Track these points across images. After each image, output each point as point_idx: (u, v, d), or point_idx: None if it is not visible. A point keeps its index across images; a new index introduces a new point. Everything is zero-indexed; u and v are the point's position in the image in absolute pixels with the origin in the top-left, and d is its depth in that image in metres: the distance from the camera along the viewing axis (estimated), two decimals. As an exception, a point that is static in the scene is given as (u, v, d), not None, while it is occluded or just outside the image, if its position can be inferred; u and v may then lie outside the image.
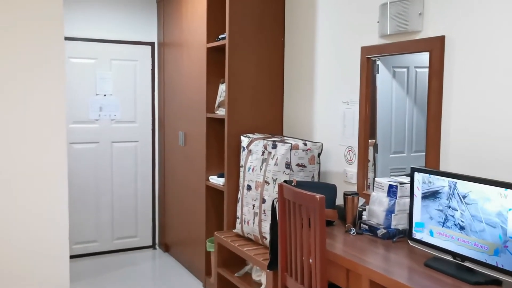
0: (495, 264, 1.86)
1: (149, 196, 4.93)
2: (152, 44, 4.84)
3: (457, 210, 2.00)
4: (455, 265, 2.03)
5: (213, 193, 3.90)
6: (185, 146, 4.29)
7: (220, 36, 3.65)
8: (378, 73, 3.08)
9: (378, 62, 2.98)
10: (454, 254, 2.04)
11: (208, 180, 3.85)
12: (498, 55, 2.13)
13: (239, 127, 3.56)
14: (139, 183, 4.86)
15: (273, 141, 3.12)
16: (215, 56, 3.80)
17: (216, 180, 3.75)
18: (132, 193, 4.83)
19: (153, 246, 5.00)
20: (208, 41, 3.77)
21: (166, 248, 4.85)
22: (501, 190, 1.82)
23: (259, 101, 3.62)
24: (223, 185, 3.61)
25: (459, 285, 1.88)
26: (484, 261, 1.90)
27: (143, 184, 4.88)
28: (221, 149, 3.87)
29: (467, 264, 1.99)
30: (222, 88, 3.72)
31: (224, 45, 3.59)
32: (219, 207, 3.89)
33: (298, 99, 3.55)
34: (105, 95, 4.67)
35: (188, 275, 4.24)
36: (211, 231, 3.88)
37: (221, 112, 3.71)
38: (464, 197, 1.97)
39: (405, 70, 3.14)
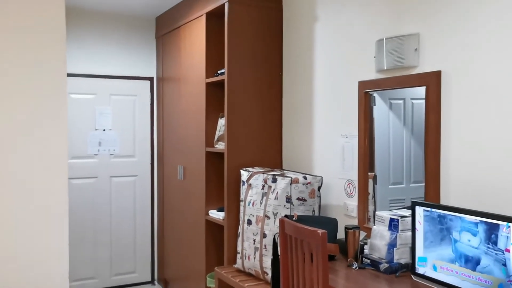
0: (500, 300, 1.85)
1: (148, 231, 4.90)
2: (151, 79, 4.90)
3: (458, 244, 2.00)
4: (459, 300, 2.02)
5: (213, 228, 3.88)
6: (184, 180, 4.29)
7: (219, 71, 3.71)
8: (374, 105, 3.12)
9: (375, 94, 3.02)
10: (458, 289, 2.03)
11: (208, 214, 3.84)
12: (494, 88, 2.17)
13: (238, 161, 3.57)
14: (138, 218, 4.84)
15: (273, 175, 3.13)
16: (214, 90, 3.85)
17: (216, 215, 3.73)
18: (130, 228, 4.80)
19: (152, 282, 4.93)
20: (207, 76, 3.82)
21: (165, 283, 4.79)
22: (503, 224, 1.83)
23: (258, 135, 3.65)
24: (223, 220, 3.60)
25: (465, 321, 1.86)
26: (489, 296, 1.89)
27: (141, 219, 4.86)
28: (221, 183, 3.87)
29: (472, 299, 1.98)
30: (221, 122, 3.75)
31: (223, 80, 3.64)
32: (219, 241, 3.86)
33: (297, 133, 3.58)
34: (104, 130, 4.70)
35: (188, 311, 4.17)
36: (211, 266, 3.84)
37: (220, 146, 3.73)
38: (462, 231, 1.97)
39: (401, 101, 3.18)
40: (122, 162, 4.77)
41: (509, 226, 1.81)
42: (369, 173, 3.05)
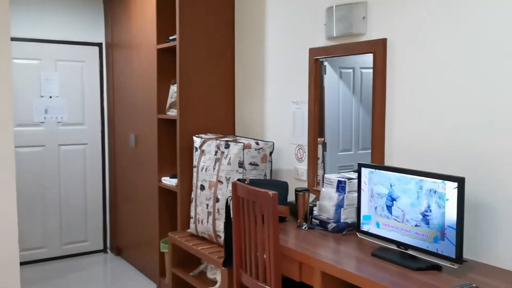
0: (435, 251, 2.00)
1: (99, 199, 4.85)
2: (99, 45, 4.77)
3: (399, 201, 2.14)
4: (399, 253, 2.16)
5: (166, 194, 3.90)
6: (137, 148, 4.26)
7: (171, 38, 3.67)
8: (325, 74, 3.20)
9: (325, 63, 3.10)
10: (398, 243, 2.17)
11: (161, 181, 3.85)
12: (435, 57, 2.29)
13: (191, 127, 3.59)
14: (89, 186, 4.78)
15: (226, 141, 3.17)
16: (165, 57, 3.81)
17: (169, 181, 3.75)
18: (81, 196, 4.74)
19: (104, 250, 4.92)
20: (158, 43, 3.77)
21: (118, 251, 4.79)
22: (440, 181, 1.97)
23: (210, 102, 3.66)
24: (176, 186, 3.63)
25: (403, 272, 2.01)
26: (425, 248, 2.04)
27: (92, 187, 4.80)
28: (173, 150, 3.88)
29: (410, 252, 2.13)
30: (173, 89, 3.74)
31: (174, 47, 3.61)
32: (172, 208, 3.90)
33: (249, 99, 3.63)
34: (50, 97, 4.56)
35: (141, 277, 4.21)
36: (165, 232, 3.88)
37: (172, 113, 3.72)
38: (405, 190, 2.11)
39: (351, 70, 3.28)
40: (71, 130, 4.66)
41: (444, 183, 1.95)
42: (318, 139, 3.15)
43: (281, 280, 2.33)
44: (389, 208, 2.21)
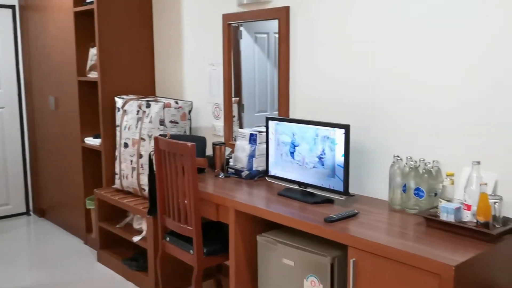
0: (328, 187, 2.41)
1: (19, 163, 4.86)
2: (12, 7, 4.68)
3: (299, 147, 2.52)
4: (300, 191, 2.56)
5: (90, 154, 4.04)
6: (57, 110, 4.33)
7: (88, 0, 3.74)
8: (241, 38, 3.48)
9: (241, 28, 3.37)
10: (299, 183, 2.56)
11: (84, 141, 3.99)
12: (329, 22, 2.65)
13: (112, 89, 3.74)
14: (8, 150, 4.76)
15: (147, 101, 3.38)
16: (83, 20, 3.88)
17: (92, 141, 3.90)
18: (0, 160, 4.72)
19: (27, 213, 4.97)
20: (75, 5, 3.83)
21: (41, 213, 4.87)
22: (331, 129, 2.36)
23: (130, 64, 3.82)
24: (100, 145, 3.79)
25: (303, 206, 2.40)
26: (320, 185, 2.45)
27: (11, 151, 4.79)
28: (95, 111, 4.00)
29: (309, 189, 2.53)
30: (93, 52, 3.84)
31: (92, 9, 3.69)
32: (97, 166, 4.05)
33: (168, 62, 3.83)
34: (-39, 60, 4.44)
35: (67, 235, 4.36)
36: (90, 190, 4.04)
37: (93, 75, 3.84)
38: (305, 137, 2.48)
39: (265, 35, 3.58)
40: (-14, 94, 4.59)
41: (334, 130, 2.34)
42: (234, 98, 3.45)
43: (200, 220, 2.65)
44: (292, 154, 2.58)
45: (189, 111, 3.45)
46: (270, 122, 2.69)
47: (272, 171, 2.72)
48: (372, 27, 2.46)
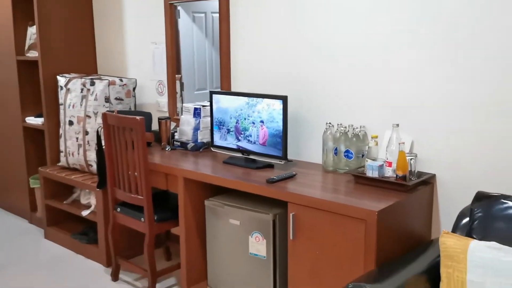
0: (269, 153, 2.66)
1: (-46, 146, 4.73)
2: None
3: (241, 119, 2.74)
4: (244, 159, 2.79)
5: (32, 133, 4.04)
6: (-6, 91, 4.27)
7: (25, -21, 3.72)
8: (179, 18, 3.61)
9: (179, 8, 3.51)
10: (242, 151, 2.79)
11: (25, 121, 3.98)
12: (265, 3, 2.87)
13: (53, 68, 3.76)
14: None
15: (91, 79, 3.46)
16: (20, -2, 3.85)
17: (34, 121, 3.91)
18: None
19: (-36, 197, 4.86)
20: (11, -17, 3.79)
21: (-20, 196, 4.79)
22: (271, 100, 2.59)
23: (71, 42, 3.85)
24: (43, 124, 3.82)
25: (247, 171, 2.63)
26: (262, 152, 2.69)
27: None
28: (37, 91, 3.99)
29: (252, 156, 2.76)
30: (32, 31, 3.83)
31: (30, -12, 3.68)
32: (39, 145, 4.06)
33: (110, 41, 3.90)
34: None
35: (10, 216, 4.34)
36: (34, 169, 4.05)
37: (32, 54, 3.83)
38: (247, 109, 2.71)
39: (203, 15, 3.73)
40: None
41: (274, 101, 2.57)
42: (176, 75, 3.60)
43: (150, 190, 2.81)
44: (235, 125, 2.80)
45: (134, 88, 3.56)
46: (214, 95, 2.89)
47: (217, 142, 2.93)
48: (303, 5, 2.71)
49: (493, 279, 1.73)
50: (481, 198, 2.07)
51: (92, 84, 3.42)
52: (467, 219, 2.06)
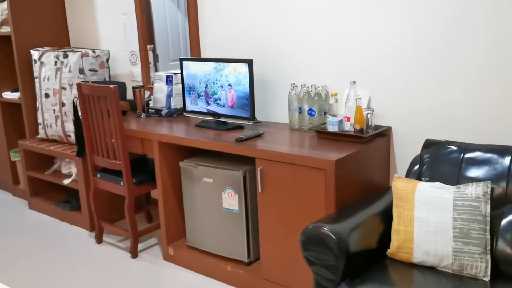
0: (238, 115, 2.81)
1: None
2: None
3: (211, 83, 2.88)
4: (215, 122, 2.94)
5: (9, 108, 4.12)
6: (-32, 68, 4.30)
7: (-9, -46, 3.73)
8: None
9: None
10: (213, 114, 2.94)
11: (1, 96, 4.05)
12: (231, -29, 2.98)
13: (26, 42, 3.82)
14: None
15: (64, 51, 3.54)
16: (-12, -26, 3.86)
17: (11, 95, 3.99)
18: None
19: None
20: (-23, -41, 3.80)
21: (-38, 173, 4.87)
22: (237, 64, 2.73)
23: (42, 16, 3.90)
24: (19, 98, 3.90)
25: (218, 133, 2.79)
26: (232, 114, 2.84)
27: None
28: (10, 65, 4.05)
29: (222, 119, 2.92)
30: (3, 6, 3.87)
31: (-3, -37, 3.70)
32: (17, 119, 4.14)
33: (80, 13, 3.96)
34: None
35: (-7, 191, 4.46)
36: (13, 143, 4.14)
37: (5, 30, 3.88)
38: (215, 74, 2.85)
39: (174, -15, 3.79)
40: None
41: (241, 65, 2.72)
42: (148, 46, 3.70)
43: (128, 155, 2.96)
44: (206, 90, 2.94)
45: (107, 60, 3.66)
46: (183, 62, 3.02)
47: (189, 107, 3.07)
48: (267, -26, 2.83)
49: (436, 214, 1.95)
50: (429, 145, 2.27)
51: (66, 56, 3.51)
52: (418, 165, 2.26)
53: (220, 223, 2.75)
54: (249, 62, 2.69)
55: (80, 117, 3.20)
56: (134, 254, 3.09)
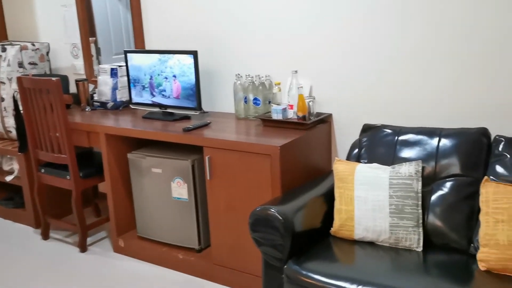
0: (184, 106, 2.86)
1: None
2: None
3: (156, 75, 2.91)
4: (161, 113, 2.97)
5: None
6: None
7: None
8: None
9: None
10: (160, 106, 2.97)
11: None
12: (173, -37, 3.00)
13: (-41, 36, 3.67)
14: None
15: (2, 45, 3.44)
16: None
17: None
18: None
19: None
20: None
21: None
22: (182, 56, 2.77)
23: (-24, 9, 3.75)
24: (-46, 94, 3.74)
25: (165, 123, 2.82)
26: (178, 105, 2.89)
27: None
28: None
29: (169, 110, 2.95)
30: None
31: None
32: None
33: (19, 5, 3.84)
34: None
35: None
36: None
37: None
38: (160, 65, 2.87)
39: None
40: None
41: (185, 56, 2.76)
42: (90, 38, 3.65)
43: (73, 148, 2.93)
44: (151, 81, 2.96)
45: (47, 53, 3.58)
46: (128, 54, 3.02)
47: (135, 99, 3.08)
48: (209, -34, 2.88)
49: (373, 192, 2.09)
50: (366, 129, 2.42)
51: (4, 50, 3.40)
52: (357, 148, 2.41)
53: (170, 213, 2.80)
54: (194, 54, 2.74)
55: (21, 111, 3.13)
56: (83, 248, 3.07)
